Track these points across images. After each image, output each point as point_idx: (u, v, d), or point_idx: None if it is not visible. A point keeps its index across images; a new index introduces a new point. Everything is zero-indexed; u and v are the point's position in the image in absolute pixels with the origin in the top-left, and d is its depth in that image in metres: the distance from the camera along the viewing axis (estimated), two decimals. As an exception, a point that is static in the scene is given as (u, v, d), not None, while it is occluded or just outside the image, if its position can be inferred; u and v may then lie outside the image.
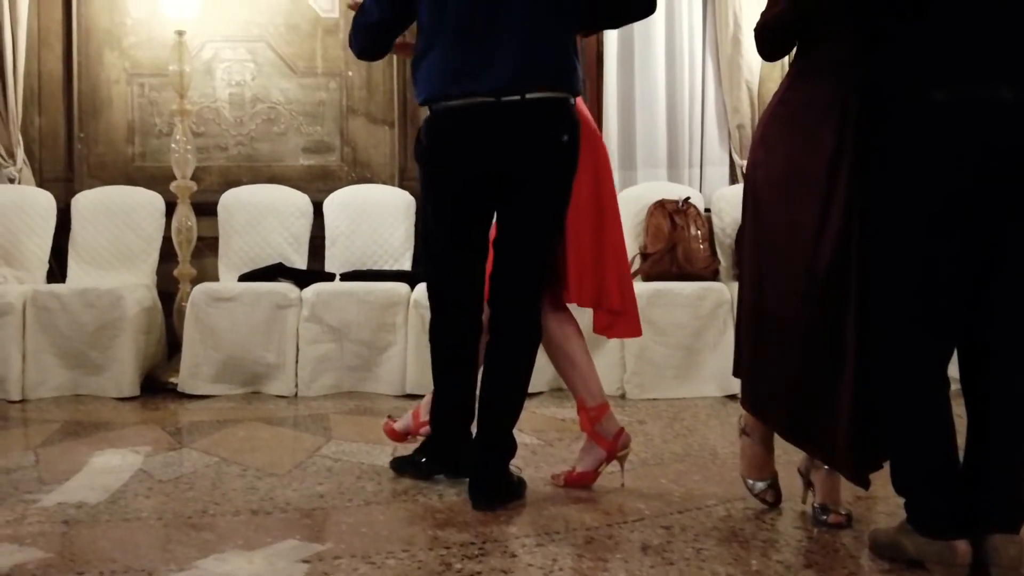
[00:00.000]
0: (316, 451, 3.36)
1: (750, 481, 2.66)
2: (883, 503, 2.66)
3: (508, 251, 2.75)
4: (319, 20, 5.30)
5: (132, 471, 3.10)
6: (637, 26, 5.23)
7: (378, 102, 5.33)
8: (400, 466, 3.04)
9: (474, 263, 2.81)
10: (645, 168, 5.29)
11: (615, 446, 2.86)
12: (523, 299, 2.76)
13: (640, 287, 4.54)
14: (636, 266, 4.82)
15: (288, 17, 5.28)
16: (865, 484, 2.41)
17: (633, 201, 5.05)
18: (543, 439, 3.56)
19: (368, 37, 2.87)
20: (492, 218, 2.80)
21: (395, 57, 4.82)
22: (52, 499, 2.79)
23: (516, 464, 2.89)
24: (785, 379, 2.47)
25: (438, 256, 2.84)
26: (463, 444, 2.88)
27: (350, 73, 5.30)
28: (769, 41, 2.51)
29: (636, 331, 3.02)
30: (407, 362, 4.45)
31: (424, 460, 2.96)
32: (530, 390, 4.26)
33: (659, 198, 4.92)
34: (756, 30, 2.52)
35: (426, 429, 3.00)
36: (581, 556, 2.27)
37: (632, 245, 4.98)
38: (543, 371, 4.51)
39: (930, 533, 2.16)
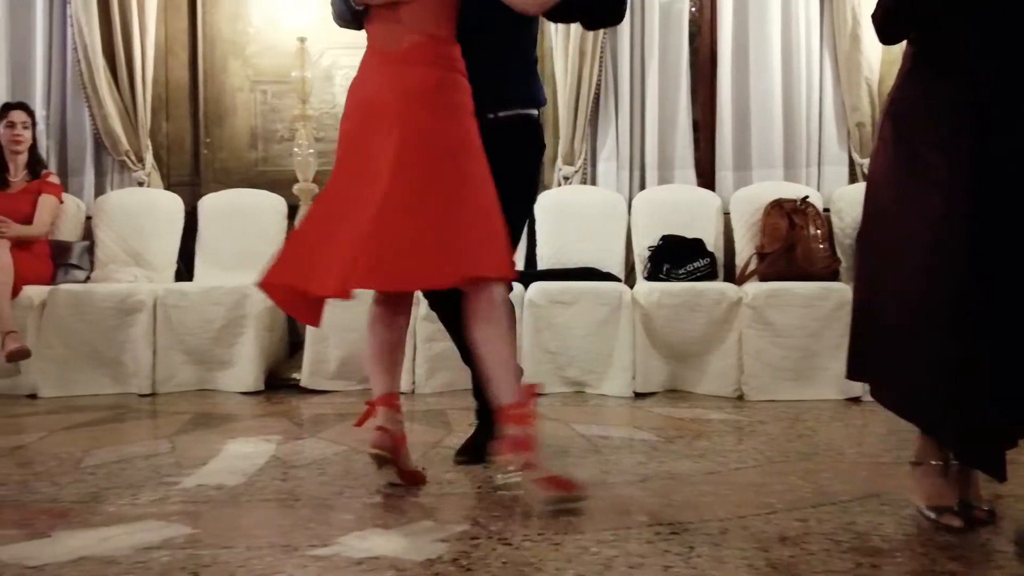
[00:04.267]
0: (439, 443, 3.41)
1: (929, 510, 2.42)
2: (1022, 501, 2.57)
3: None
4: (433, 26, 5.37)
5: (266, 457, 3.20)
6: (752, 23, 5.21)
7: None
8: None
9: None
10: (760, 168, 5.22)
11: None
12: None
13: (756, 287, 4.49)
14: (752, 266, 4.77)
15: (403, 24, 5.37)
16: (1002, 475, 2.32)
17: (748, 201, 5.00)
18: (662, 436, 3.55)
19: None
20: None
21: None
22: (192, 481, 2.88)
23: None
24: (919, 369, 2.39)
25: None
26: None
27: (462, 78, 5.36)
28: (886, 27, 2.47)
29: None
30: (521, 359, 4.45)
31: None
32: (643, 391, 4.36)
33: (775, 198, 4.85)
34: (873, 16, 2.48)
35: None
36: (718, 545, 2.24)
37: (748, 245, 4.94)
38: (657, 372, 4.50)
39: (1085, 526, 2.09)
